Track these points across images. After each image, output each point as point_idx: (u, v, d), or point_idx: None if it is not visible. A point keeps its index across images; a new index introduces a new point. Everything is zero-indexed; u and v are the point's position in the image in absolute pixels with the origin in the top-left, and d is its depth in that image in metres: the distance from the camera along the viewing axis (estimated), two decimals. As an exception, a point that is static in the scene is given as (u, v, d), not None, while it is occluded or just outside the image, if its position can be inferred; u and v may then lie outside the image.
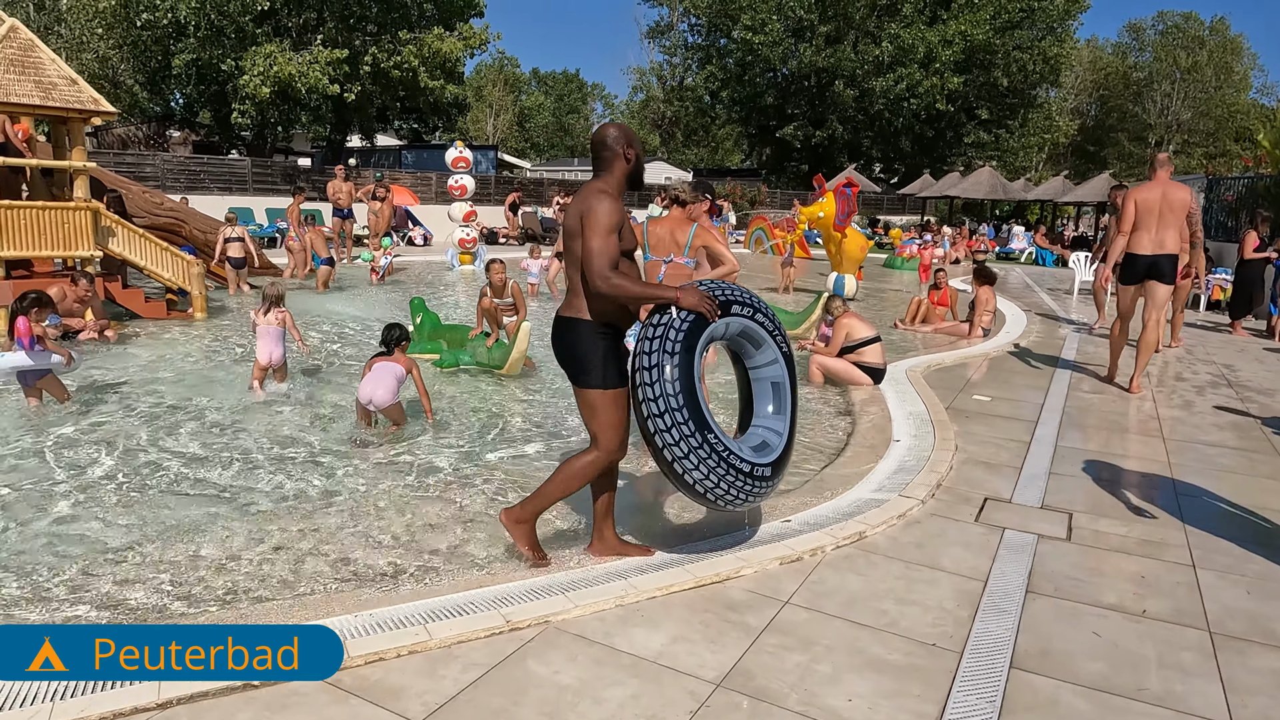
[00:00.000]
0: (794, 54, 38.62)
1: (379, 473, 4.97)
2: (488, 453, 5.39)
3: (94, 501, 4.42)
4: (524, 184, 30.93)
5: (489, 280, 7.81)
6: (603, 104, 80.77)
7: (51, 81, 8.54)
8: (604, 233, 3.21)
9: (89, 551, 3.82)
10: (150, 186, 19.69)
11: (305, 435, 5.67)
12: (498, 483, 4.82)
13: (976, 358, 8.92)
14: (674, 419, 3.29)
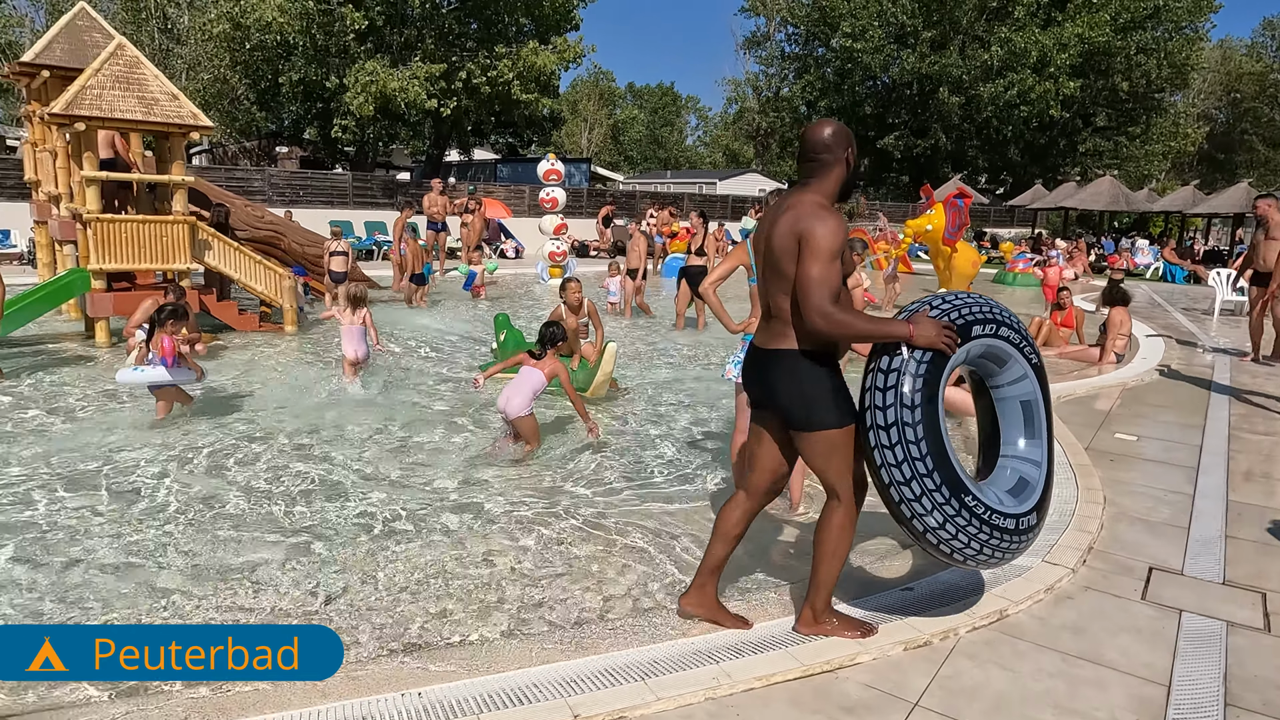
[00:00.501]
0: (896, 61, 37.25)
1: (464, 499, 4.59)
2: (578, 486, 4.95)
3: (191, 520, 4.19)
4: (616, 197, 30.78)
5: (565, 299, 7.40)
6: (696, 116, 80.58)
7: (154, 97, 8.67)
8: (827, 258, 2.70)
9: (199, 571, 3.56)
10: (257, 200, 20.40)
11: (399, 456, 5.37)
12: (587, 521, 4.36)
13: (1111, 387, 7.97)
14: (923, 485, 2.77)
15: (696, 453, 5.69)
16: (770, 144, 54.28)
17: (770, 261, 2.90)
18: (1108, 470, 5.26)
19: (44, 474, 4.88)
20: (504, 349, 8.14)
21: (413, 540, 4.11)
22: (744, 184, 41.21)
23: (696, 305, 10.97)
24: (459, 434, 6.03)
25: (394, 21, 22.83)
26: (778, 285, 2.88)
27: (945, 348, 2.80)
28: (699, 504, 4.72)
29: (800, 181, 2.96)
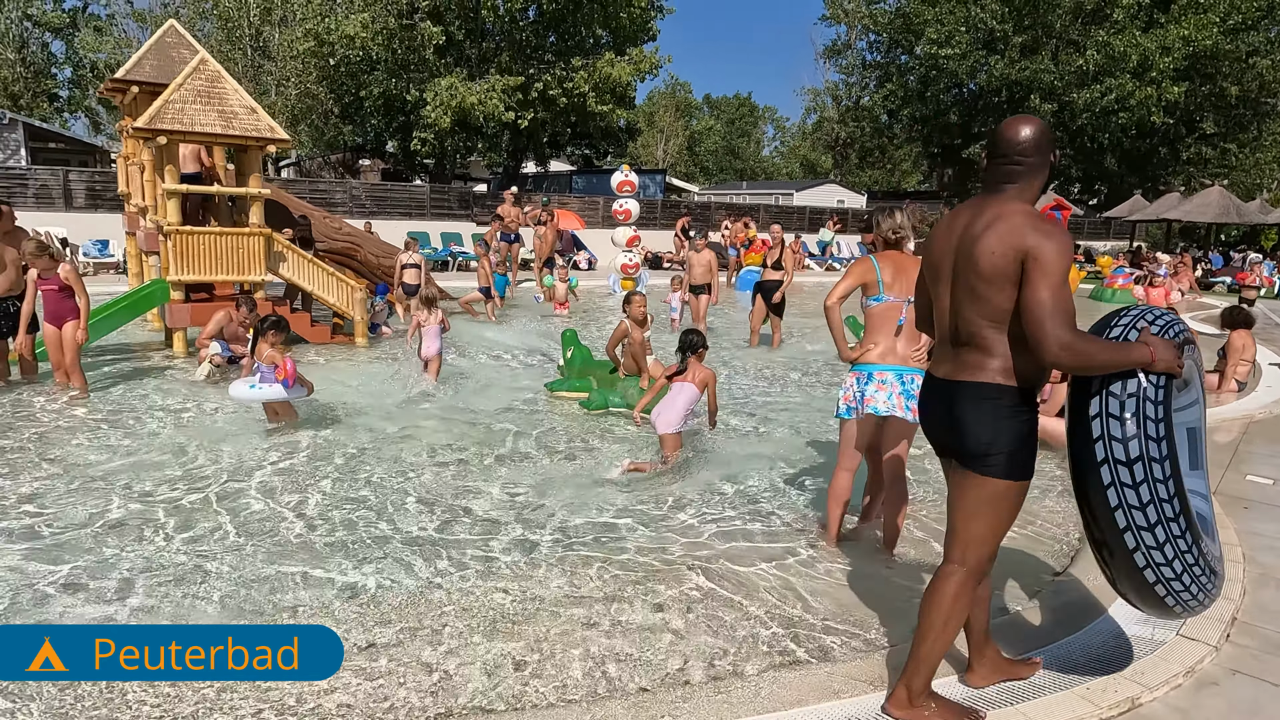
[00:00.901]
0: (983, 67, 35.91)
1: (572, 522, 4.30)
2: (653, 524, 4.61)
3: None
4: (691, 208, 30.49)
5: (629, 313, 7.08)
6: (773, 126, 79.78)
7: (233, 111, 8.77)
8: (1060, 280, 2.35)
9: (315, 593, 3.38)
10: (339, 213, 20.84)
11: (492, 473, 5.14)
12: (653, 563, 4.01)
13: (1235, 420, 7.20)
14: (1168, 531, 2.45)
15: (779, 485, 5.27)
16: (849, 154, 53.18)
17: (967, 283, 2.51)
18: (1243, 521, 4.63)
19: (108, 483, 4.81)
20: (570, 366, 7.90)
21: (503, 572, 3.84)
22: (821, 195, 40.34)
23: (772, 322, 10.51)
24: (530, 457, 5.76)
25: (473, 36, 23.11)
26: (976, 309, 2.49)
27: (1179, 371, 2.47)
28: (781, 544, 4.31)
29: (992, 187, 2.58)
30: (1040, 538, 4.51)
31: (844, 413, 4.04)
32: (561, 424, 6.65)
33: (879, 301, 3.95)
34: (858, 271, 3.99)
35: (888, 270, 3.94)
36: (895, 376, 3.93)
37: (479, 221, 22.94)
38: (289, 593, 3.61)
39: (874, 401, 3.92)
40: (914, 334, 3.94)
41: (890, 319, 3.94)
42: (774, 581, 3.86)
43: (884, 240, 4.09)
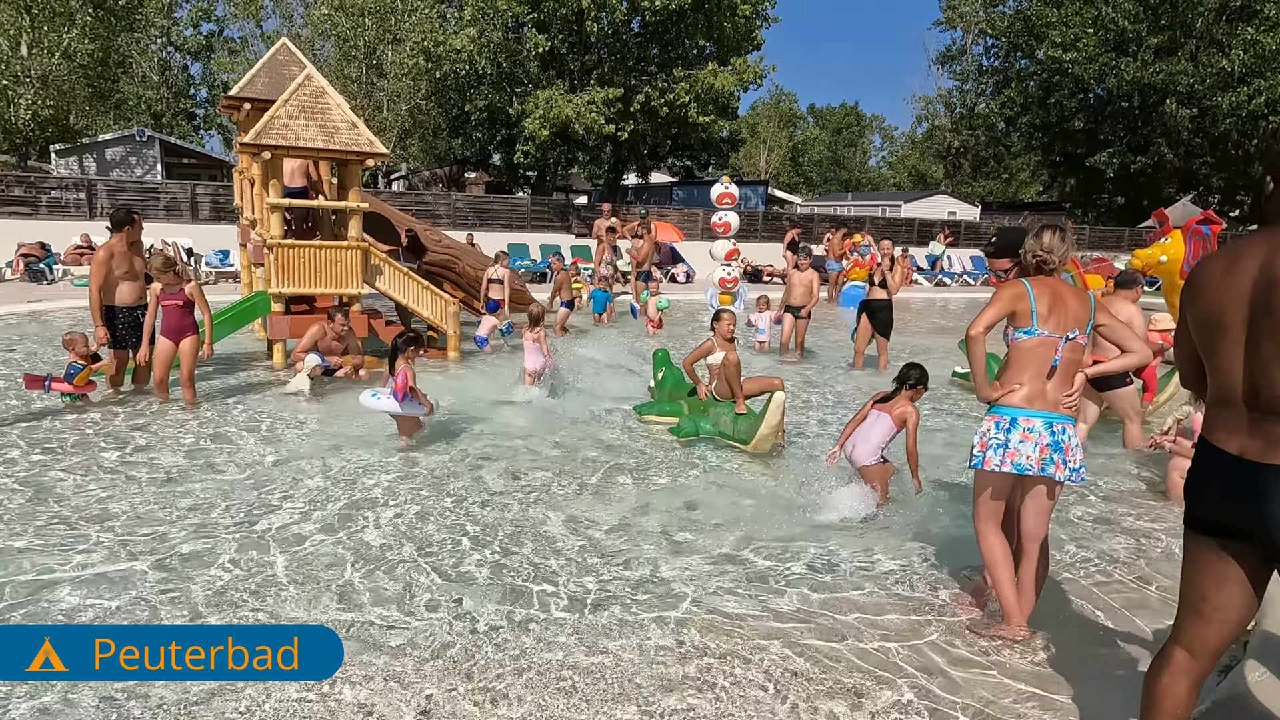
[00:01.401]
0: (1113, 71, 33.66)
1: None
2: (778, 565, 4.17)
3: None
4: (795, 220, 29.73)
5: (717, 331, 6.61)
6: (881, 136, 77.60)
7: (335, 125, 8.86)
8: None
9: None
10: (443, 225, 21.26)
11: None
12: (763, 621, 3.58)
13: None
14: None
15: (897, 539, 4.73)
16: (962, 163, 51.02)
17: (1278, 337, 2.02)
18: None
19: (207, 495, 4.75)
20: (661, 388, 7.52)
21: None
22: (931, 206, 38.68)
23: (879, 343, 9.86)
24: (615, 489, 5.42)
25: (575, 48, 23.22)
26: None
27: None
28: (907, 614, 3.79)
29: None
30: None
31: (978, 462, 3.45)
32: (649, 452, 6.27)
33: (1030, 335, 3.35)
34: (1007, 297, 3.38)
35: (1043, 299, 3.34)
36: (1044, 425, 3.35)
37: (578, 233, 23.00)
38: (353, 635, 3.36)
39: (1017, 455, 3.34)
40: (1068, 376, 3.38)
41: (1043, 357, 3.36)
42: (906, 657, 3.35)
43: (1031, 264, 3.50)
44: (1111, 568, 4.37)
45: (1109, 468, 6.19)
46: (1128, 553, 4.59)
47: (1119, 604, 3.94)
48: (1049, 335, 3.34)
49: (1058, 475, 3.34)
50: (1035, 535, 3.49)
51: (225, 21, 38.61)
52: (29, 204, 18.19)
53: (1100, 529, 4.95)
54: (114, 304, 7.16)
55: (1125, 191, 38.08)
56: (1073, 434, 3.41)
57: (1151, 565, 4.41)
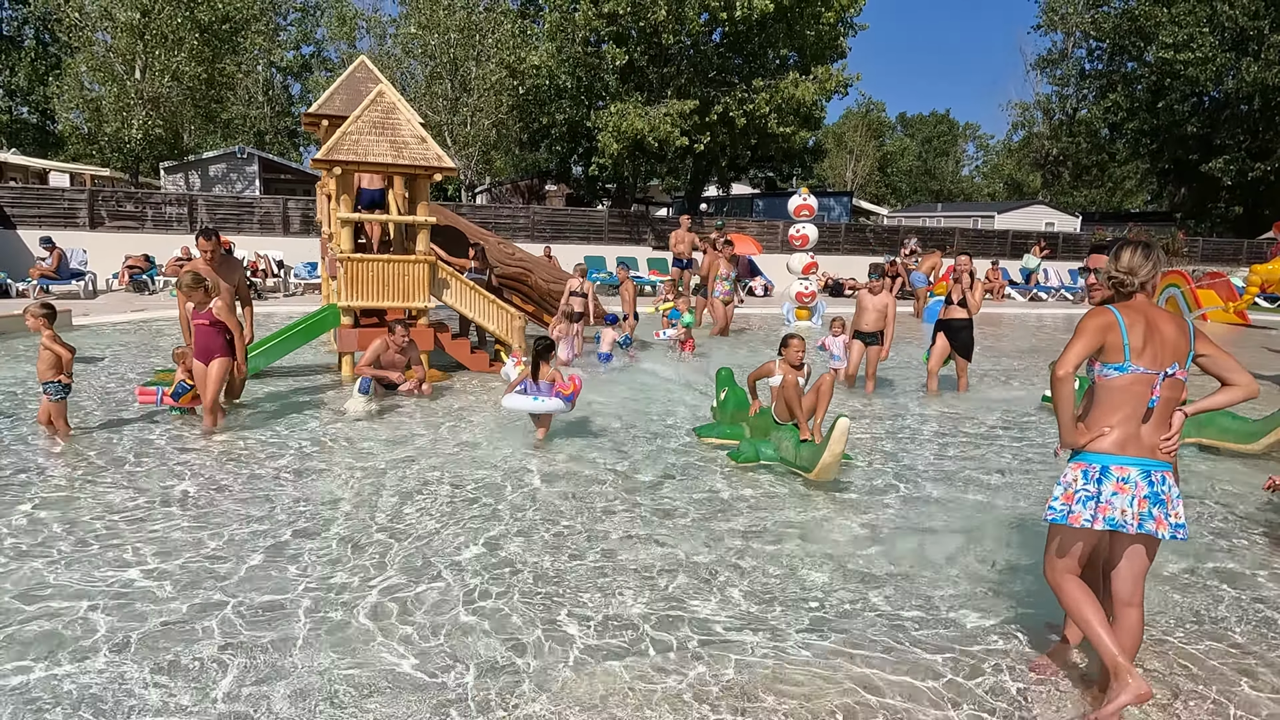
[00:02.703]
0: (1231, 71, 31.47)
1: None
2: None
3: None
4: (879, 231, 28.84)
5: (785, 357, 6.25)
6: (975, 144, 74.98)
7: (404, 141, 8.93)
8: None
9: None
10: (521, 238, 21.45)
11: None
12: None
13: None
14: None
15: (973, 587, 4.32)
16: (1061, 172, 48.68)
17: None
18: None
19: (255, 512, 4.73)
20: (724, 409, 7.21)
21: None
22: (1027, 217, 36.93)
23: (957, 364, 9.20)
24: (667, 514, 5.15)
25: (655, 60, 23.12)
26: None
27: None
28: (976, 677, 3.40)
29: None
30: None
31: (1061, 516, 3.00)
32: (706, 477, 5.97)
33: (1123, 372, 2.92)
34: (1095, 328, 2.93)
35: (1136, 329, 2.91)
36: (1140, 474, 2.91)
37: (655, 246, 22.84)
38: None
39: (1110, 510, 2.90)
40: (1165, 417, 2.94)
41: (1139, 395, 2.93)
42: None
43: (1109, 287, 3.06)
44: (1222, 634, 3.83)
45: (1220, 512, 5.55)
46: (1242, 618, 4.03)
47: (1230, 677, 3.42)
48: (1145, 372, 2.90)
49: (1159, 532, 2.90)
50: (1130, 600, 3.05)
51: (323, 44, 40.31)
52: (136, 218, 19.23)
53: (1207, 582, 4.39)
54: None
55: (1243, 200, 35.53)
56: (1173, 484, 2.95)
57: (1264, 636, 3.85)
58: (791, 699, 3.15)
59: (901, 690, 3.23)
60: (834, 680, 3.29)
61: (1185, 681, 3.36)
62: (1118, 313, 2.94)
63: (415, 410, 7.76)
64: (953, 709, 3.11)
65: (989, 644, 3.61)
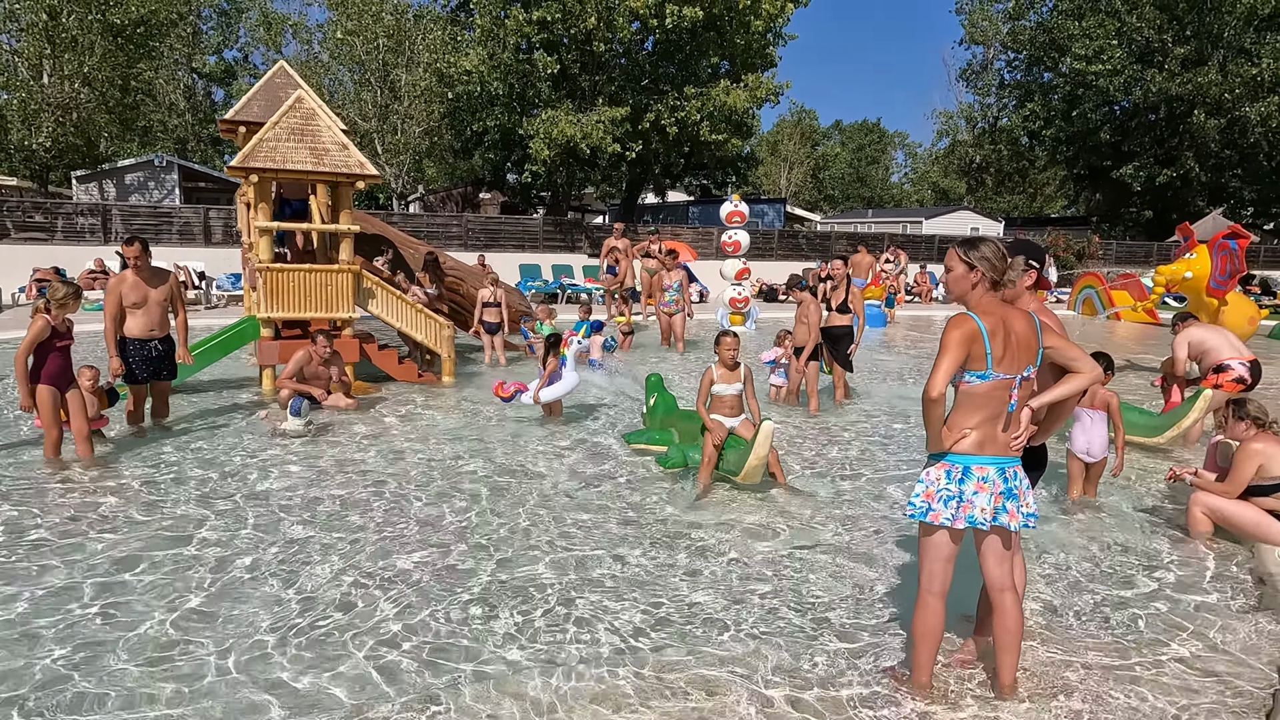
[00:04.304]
0: (1139, 82, 33.00)
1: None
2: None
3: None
4: (811, 237, 29.35)
5: (718, 355, 6.10)
6: (904, 152, 77.04)
7: (324, 147, 8.71)
8: None
9: None
10: (454, 245, 21.19)
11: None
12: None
13: None
14: None
15: (846, 597, 4.38)
16: (985, 178, 50.40)
17: None
18: None
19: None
20: (653, 414, 7.22)
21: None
22: (953, 222, 38.09)
23: (835, 374, 8.72)
24: (588, 521, 5.11)
25: (587, 68, 23.13)
26: None
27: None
28: (845, 687, 3.45)
29: None
30: (1223, 674, 3.42)
31: (922, 514, 3.08)
32: (633, 483, 5.95)
33: (985, 379, 2.99)
34: (960, 340, 2.94)
35: (997, 337, 2.97)
36: (997, 472, 3.03)
37: (590, 253, 22.82)
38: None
39: (971, 509, 3.00)
40: (1017, 416, 3.06)
41: (998, 400, 3.02)
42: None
43: (991, 284, 3.11)
44: (1111, 619, 3.97)
45: (1122, 503, 5.77)
46: (1133, 603, 4.19)
47: (1113, 661, 3.55)
48: (1004, 377, 2.99)
49: (1011, 524, 3.04)
50: (1002, 584, 3.15)
51: (248, 48, 39.24)
52: (45, 229, 18.37)
53: (1098, 572, 4.55)
54: (125, 336, 6.82)
55: (1153, 205, 37.28)
56: (1023, 476, 3.11)
57: (1155, 622, 4.01)
58: (704, 701, 3.14)
59: (820, 683, 3.25)
60: (746, 678, 3.29)
61: (1077, 674, 3.46)
62: (980, 321, 2.97)
63: (338, 424, 7.56)
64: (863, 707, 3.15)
65: (866, 657, 3.67)
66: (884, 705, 3.15)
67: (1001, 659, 3.20)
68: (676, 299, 12.91)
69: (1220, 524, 5.00)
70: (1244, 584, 4.40)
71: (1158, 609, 4.05)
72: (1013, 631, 3.16)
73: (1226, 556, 4.76)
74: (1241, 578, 4.48)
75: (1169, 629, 3.84)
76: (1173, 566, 4.63)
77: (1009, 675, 3.20)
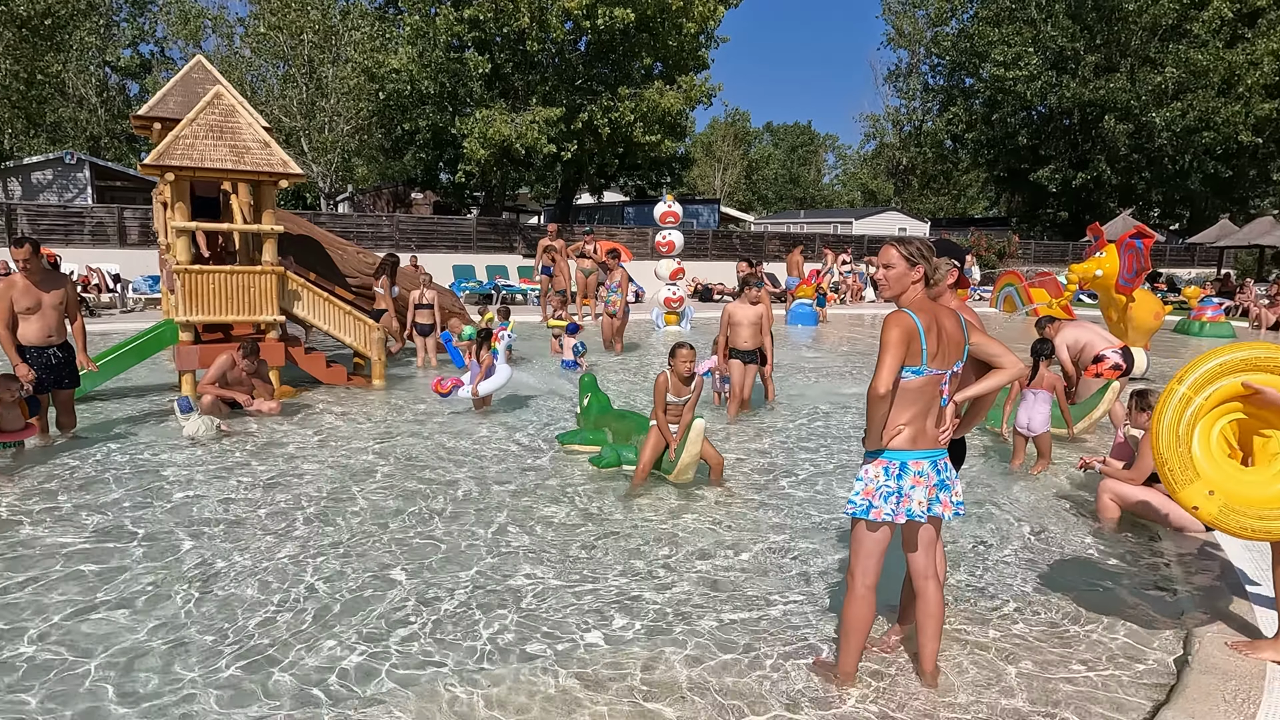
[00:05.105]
0: (1054, 88, 34.38)
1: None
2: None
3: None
4: (744, 237, 29.73)
5: (673, 368, 5.91)
6: (834, 154, 78.66)
7: (245, 145, 8.44)
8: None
9: None
10: (385, 246, 20.77)
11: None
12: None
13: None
14: None
15: (775, 590, 4.47)
16: (911, 180, 51.81)
17: None
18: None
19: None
20: (587, 414, 7.21)
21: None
22: (882, 223, 39.09)
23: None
24: (516, 523, 5.08)
25: (520, 68, 22.96)
26: None
27: None
28: (777, 682, 3.51)
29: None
30: (1122, 658, 3.60)
31: (862, 511, 3.15)
32: (565, 484, 5.94)
33: (919, 375, 3.06)
34: (899, 339, 2.99)
35: (931, 333, 3.05)
36: (930, 465, 3.13)
37: (525, 254, 22.67)
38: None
39: (909, 503, 3.09)
40: (945, 410, 3.17)
41: (930, 395, 3.11)
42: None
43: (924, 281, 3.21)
44: (1025, 604, 4.14)
45: (1035, 490, 6.01)
46: (1047, 587, 4.37)
47: (1033, 642, 3.70)
48: (936, 373, 3.09)
49: (945, 514, 3.15)
50: (927, 572, 3.26)
51: (164, 42, 37.74)
52: (-58, 230, 17.36)
53: (1013, 558, 4.73)
54: (21, 344, 6.46)
55: (1069, 206, 38.85)
56: (950, 466, 3.23)
57: (1064, 606, 4.19)
58: (633, 695, 3.16)
59: (746, 675, 3.30)
60: (675, 675, 3.33)
61: (994, 657, 3.60)
62: (916, 319, 3.04)
63: (261, 430, 7.34)
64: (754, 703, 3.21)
65: (794, 650, 3.75)
66: (811, 695, 3.22)
67: (924, 645, 3.30)
68: (615, 299, 12.90)
69: (1127, 510, 5.26)
70: (1152, 565, 4.63)
71: (1070, 593, 4.23)
72: (935, 618, 3.27)
73: (1133, 540, 5.00)
74: (1148, 560, 4.71)
75: (1080, 611, 4.02)
76: (1083, 550, 4.85)
77: (930, 661, 3.30)
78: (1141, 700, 3.23)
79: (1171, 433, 3.33)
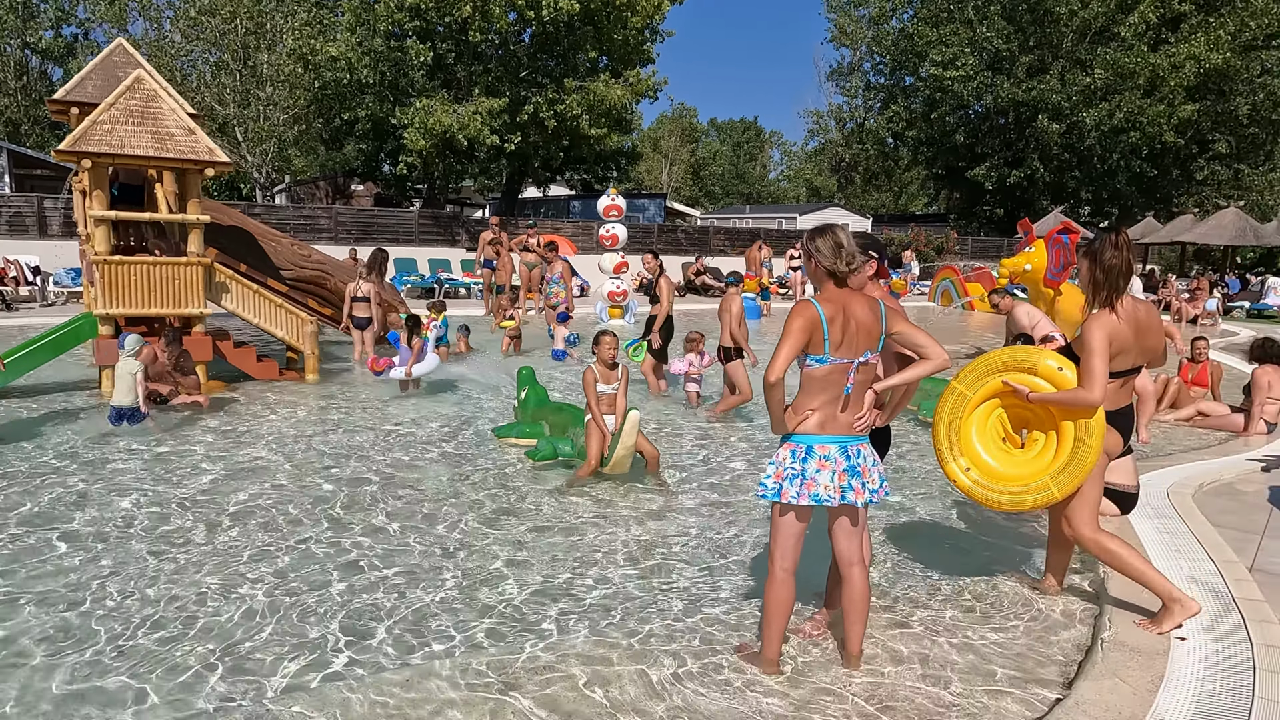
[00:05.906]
0: (989, 88, 35.27)
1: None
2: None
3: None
4: (690, 232, 29.85)
5: (597, 355, 6.02)
6: (780, 151, 79.47)
7: (168, 131, 8.15)
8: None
9: None
10: (323, 239, 20.32)
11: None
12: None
13: (1267, 468, 6.38)
14: None
15: (699, 580, 4.50)
16: (853, 177, 52.66)
17: None
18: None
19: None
20: (524, 407, 7.16)
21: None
22: (826, 219, 39.50)
23: (654, 367, 8.87)
24: (446, 516, 5.01)
25: (463, 58, 22.64)
26: None
27: None
28: (703, 658, 3.53)
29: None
30: (1041, 637, 3.71)
31: (773, 494, 3.19)
32: (502, 477, 5.89)
33: (823, 364, 3.12)
34: (800, 328, 3.07)
35: (835, 323, 3.10)
36: (839, 451, 3.16)
37: (468, 247, 22.39)
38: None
39: (814, 486, 3.13)
40: (859, 398, 3.20)
41: (836, 383, 3.15)
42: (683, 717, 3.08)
43: (830, 275, 3.24)
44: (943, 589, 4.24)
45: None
46: (967, 575, 4.48)
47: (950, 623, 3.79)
48: (841, 362, 3.13)
49: (857, 501, 3.18)
50: (850, 558, 3.31)
51: (89, 24, 36.24)
52: None
53: (937, 547, 4.85)
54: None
55: (1004, 203, 39.91)
56: (868, 454, 3.25)
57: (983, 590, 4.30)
58: (564, 686, 3.15)
59: (675, 661, 3.31)
60: (604, 663, 3.32)
61: (916, 642, 3.68)
62: (819, 308, 3.09)
63: (186, 425, 7.11)
64: (673, 686, 3.23)
65: (714, 631, 3.78)
66: (736, 679, 3.24)
67: (850, 630, 3.35)
68: (557, 291, 12.83)
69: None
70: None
71: (990, 581, 4.34)
72: (860, 603, 3.32)
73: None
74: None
75: (999, 599, 4.13)
76: (1005, 540, 4.99)
77: (856, 645, 3.35)
78: (1055, 677, 3.34)
79: (943, 421, 3.87)
